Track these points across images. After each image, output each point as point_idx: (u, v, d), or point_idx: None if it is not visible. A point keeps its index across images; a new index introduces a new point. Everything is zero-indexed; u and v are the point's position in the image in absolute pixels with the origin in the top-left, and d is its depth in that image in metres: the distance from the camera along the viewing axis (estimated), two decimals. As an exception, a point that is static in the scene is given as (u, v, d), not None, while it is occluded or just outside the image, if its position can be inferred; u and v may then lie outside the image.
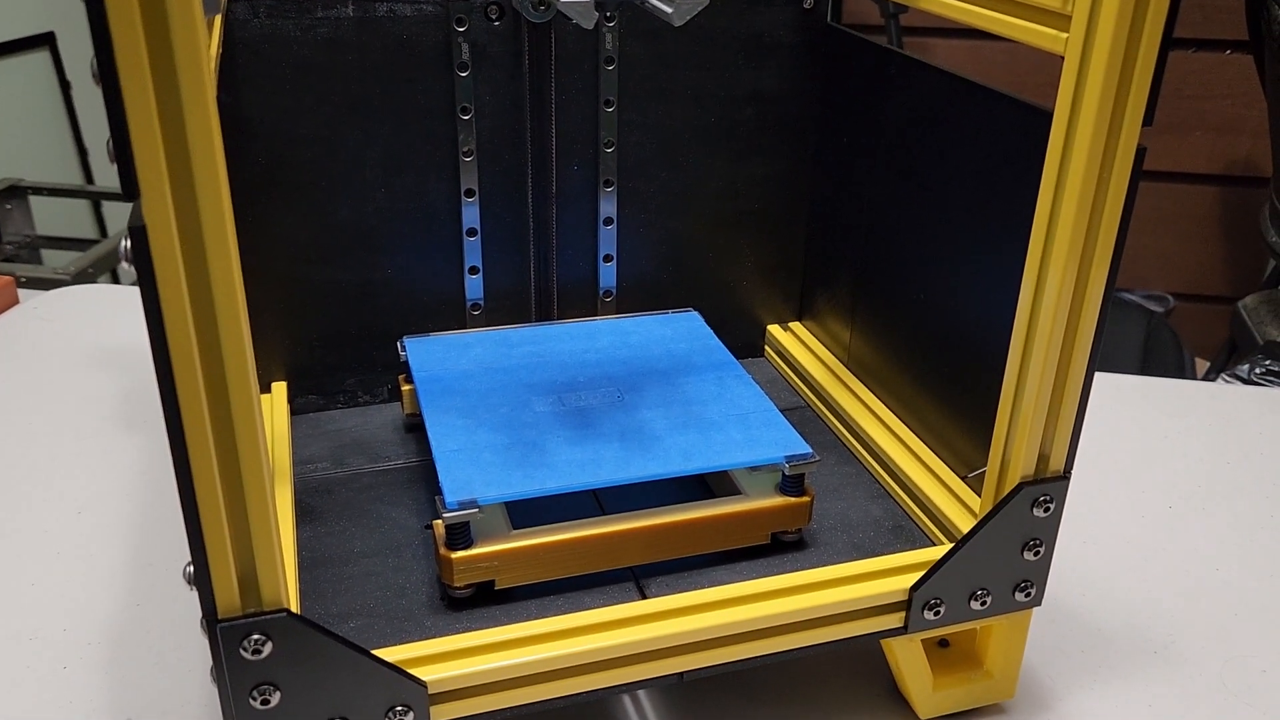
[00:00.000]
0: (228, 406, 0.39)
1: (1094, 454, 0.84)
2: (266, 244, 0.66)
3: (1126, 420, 0.90)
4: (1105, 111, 0.45)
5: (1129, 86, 0.45)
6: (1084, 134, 0.45)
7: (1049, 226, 0.48)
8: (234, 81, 0.62)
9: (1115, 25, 0.43)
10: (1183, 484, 0.81)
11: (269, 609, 0.43)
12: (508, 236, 0.70)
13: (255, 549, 0.42)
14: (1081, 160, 0.46)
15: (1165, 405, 0.93)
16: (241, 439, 0.40)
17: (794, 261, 0.78)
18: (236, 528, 0.41)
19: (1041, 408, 0.51)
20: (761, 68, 0.71)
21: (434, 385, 0.63)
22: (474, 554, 0.54)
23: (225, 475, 0.40)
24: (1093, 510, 0.78)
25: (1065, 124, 0.46)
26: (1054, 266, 0.48)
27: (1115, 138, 0.46)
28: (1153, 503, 0.79)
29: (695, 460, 0.57)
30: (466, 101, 0.66)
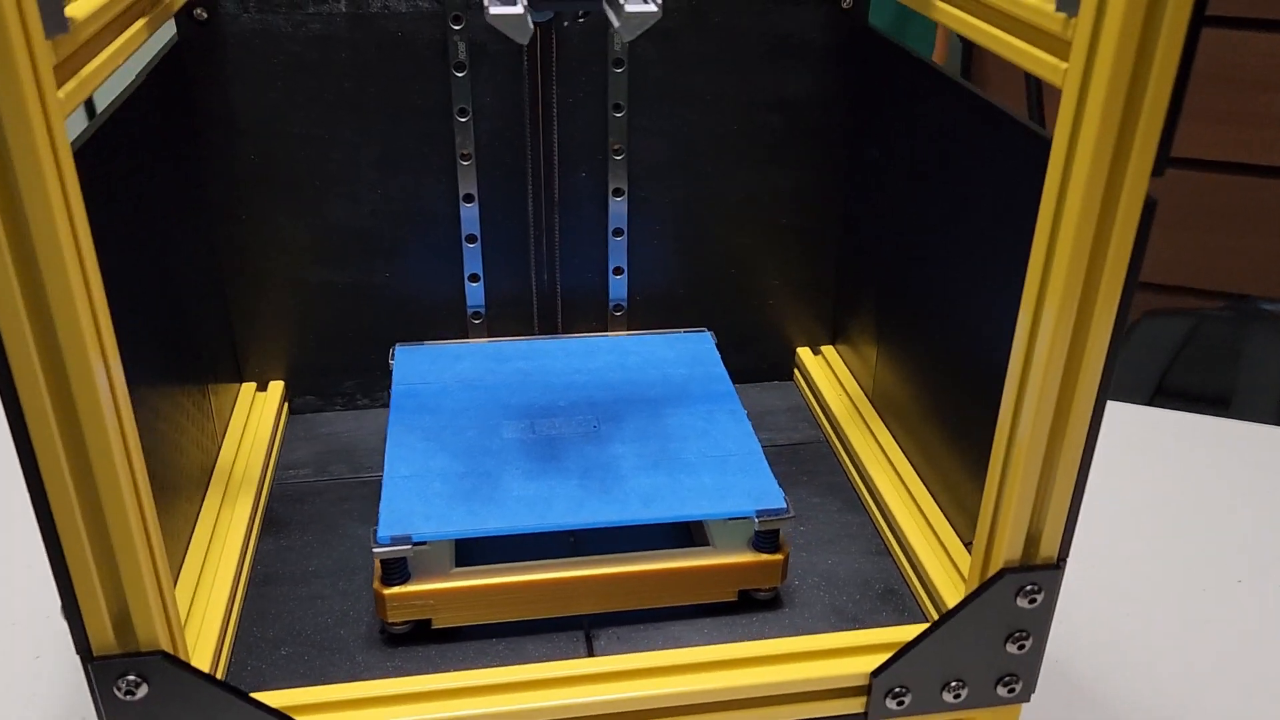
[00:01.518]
0: (83, 443, 0.37)
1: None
2: (259, 243, 0.65)
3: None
4: (1103, 159, 0.38)
5: (1133, 130, 0.38)
6: (1078, 183, 0.39)
7: (1042, 282, 0.42)
8: (223, 77, 0.60)
9: (1116, 56, 0.36)
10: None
11: (144, 649, 0.41)
12: (509, 244, 0.67)
13: (126, 588, 0.40)
14: (1074, 215, 0.39)
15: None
16: (102, 480, 0.38)
17: (825, 280, 0.72)
18: (104, 566, 0.39)
19: (1030, 484, 0.45)
20: (789, 71, 0.65)
21: (408, 401, 0.60)
22: (409, 591, 0.51)
23: (87, 515, 0.38)
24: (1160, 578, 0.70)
25: (1060, 172, 0.40)
26: (1044, 332, 0.42)
27: (1116, 190, 0.39)
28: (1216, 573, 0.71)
29: (654, 508, 0.52)
30: (464, 103, 0.62)
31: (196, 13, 0.58)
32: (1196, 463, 0.81)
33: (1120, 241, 0.40)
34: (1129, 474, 0.77)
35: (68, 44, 0.35)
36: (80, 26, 0.36)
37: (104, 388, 0.36)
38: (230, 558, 0.55)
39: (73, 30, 0.36)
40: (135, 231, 0.51)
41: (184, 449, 0.56)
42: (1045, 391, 0.43)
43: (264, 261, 0.65)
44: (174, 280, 0.57)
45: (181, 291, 0.58)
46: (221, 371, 0.65)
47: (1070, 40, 0.38)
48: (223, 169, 0.62)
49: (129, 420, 0.39)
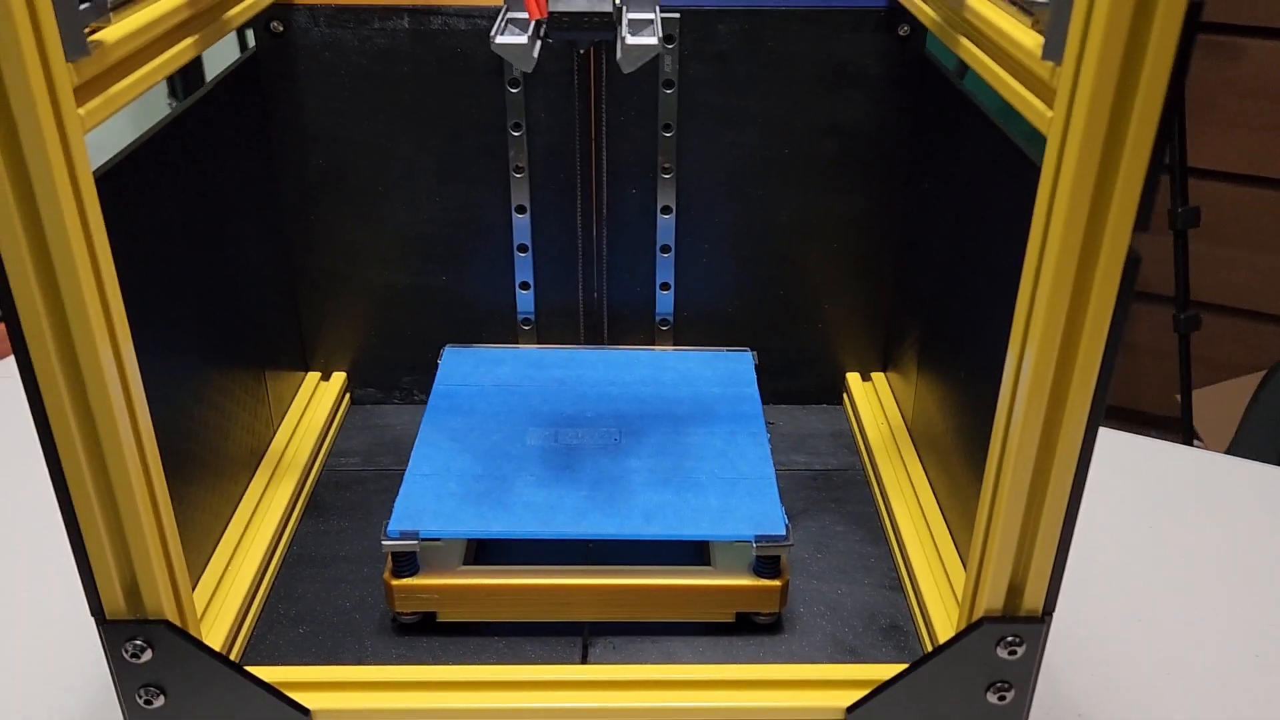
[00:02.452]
0: (95, 432, 0.41)
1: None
2: (326, 243, 0.68)
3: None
4: (1080, 211, 0.37)
5: (1112, 184, 0.37)
6: (1055, 234, 0.38)
7: (1025, 332, 0.41)
8: (295, 86, 0.64)
9: (1091, 104, 0.35)
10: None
11: (151, 617, 0.45)
12: (559, 254, 0.69)
13: (134, 560, 0.44)
14: (1052, 266, 0.38)
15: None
16: (111, 458, 0.41)
17: (878, 307, 0.71)
18: (115, 539, 0.43)
19: (1011, 533, 0.44)
20: (844, 98, 0.65)
21: (445, 401, 0.63)
22: (416, 583, 0.54)
23: (99, 489, 0.42)
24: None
25: (1043, 222, 0.39)
26: (1025, 381, 0.41)
27: (1096, 243, 0.38)
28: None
29: (654, 525, 0.54)
30: (518, 118, 0.65)
31: (273, 25, 0.62)
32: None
33: (1101, 296, 0.39)
34: (1262, 537, 0.73)
35: (92, 65, 0.39)
36: (109, 49, 0.40)
37: (112, 371, 0.40)
38: (264, 537, 0.58)
39: (100, 52, 0.39)
40: (198, 221, 0.55)
41: (231, 432, 0.60)
42: (1025, 440, 0.42)
43: (330, 260, 0.69)
44: (236, 272, 0.61)
45: (243, 283, 0.62)
46: (284, 360, 0.69)
47: (1055, 88, 0.38)
48: (294, 172, 0.66)
49: (140, 402, 0.42)
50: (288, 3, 0.62)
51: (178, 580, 0.46)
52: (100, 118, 0.39)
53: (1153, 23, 0.34)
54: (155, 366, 0.49)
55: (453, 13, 0.62)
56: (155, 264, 0.51)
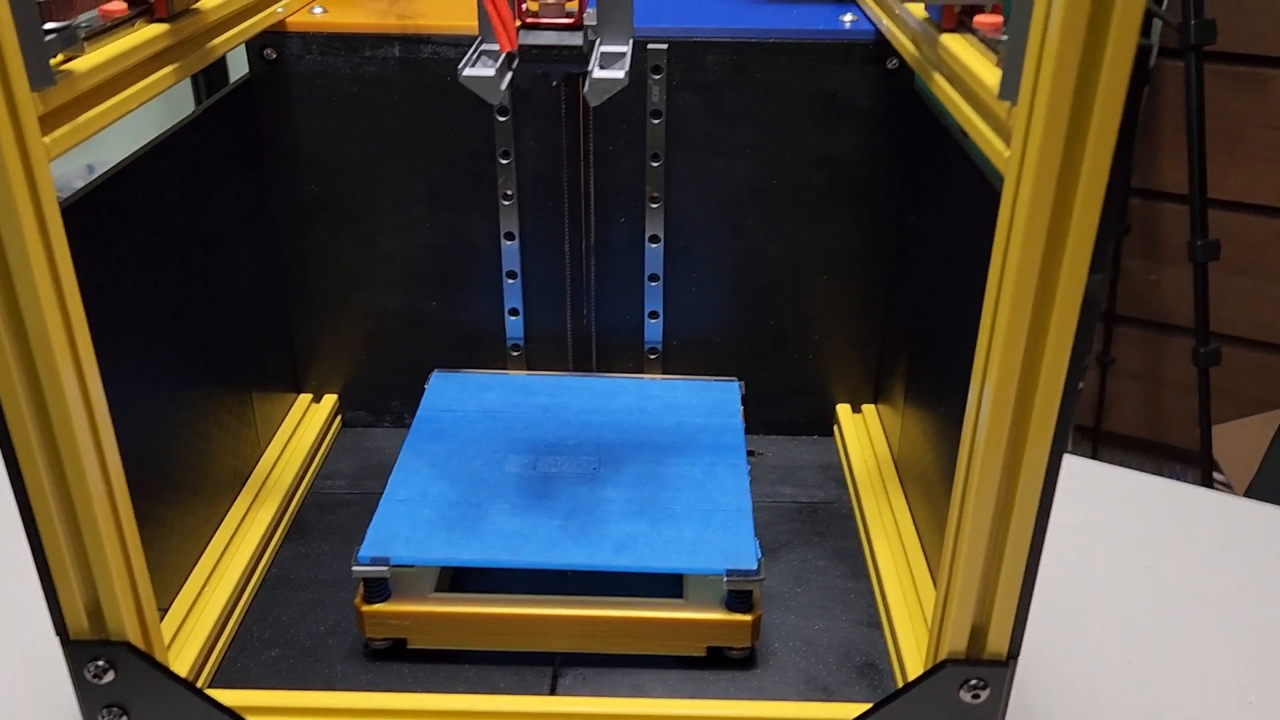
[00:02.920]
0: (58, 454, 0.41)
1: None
2: (319, 266, 0.69)
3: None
4: (1034, 251, 0.37)
5: (1066, 226, 0.36)
6: (1010, 274, 0.38)
7: (985, 369, 0.41)
8: (288, 113, 0.65)
9: (1044, 144, 0.35)
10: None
11: (114, 639, 0.45)
12: (548, 281, 0.69)
13: (97, 582, 0.44)
14: (1008, 303, 0.38)
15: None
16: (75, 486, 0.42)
17: (870, 338, 0.71)
18: (78, 561, 0.44)
19: (974, 571, 0.43)
20: (833, 130, 0.65)
21: (427, 426, 0.63)
22: (387, 610, 0.54)
23: (62, 512, 0.42)
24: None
25: (1000, 260, 0.39)
26: (987, 418, 0.41)
27: (1051, 282, 0.37)
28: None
29: (625, 556, 0.53)
30: (507, 146, 0.65)
31: (266, 53, 0.63)
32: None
33: (1058, 334, 0.38)
34: (1267, 582, 0.71)
35: (61, 94, 0.39)
36: (80, 78, 0.40)
37: (75, 395, 0.40)
38: (243, 558, 0.59)
39: (69, 81, 0.40)
40: (185, 244, 0.56)
41: (214, 454, 0.60)
42: (986, 477, 0.41)
43: (322, 283, 0.70)
44: (226, 294, 0.61)
45: (233, 305, 0.62)
46: (274, 382, 0.70)
47: (1011, 129, 0.37)
48: (287, 196, 0.67)
49: (105, 424, 0.42)
50: (281, 31, 0.63)
51: (142, 602, 0.46)
52: (68, 145, 0.40)
53: (1103, 63, 0.34)
54: (131, 389, 0.50)
55: (442, 41, 0.63)
56: (135, 287, 0.51)
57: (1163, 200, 1.56)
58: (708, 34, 0.63)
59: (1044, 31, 0.34)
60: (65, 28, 0.39)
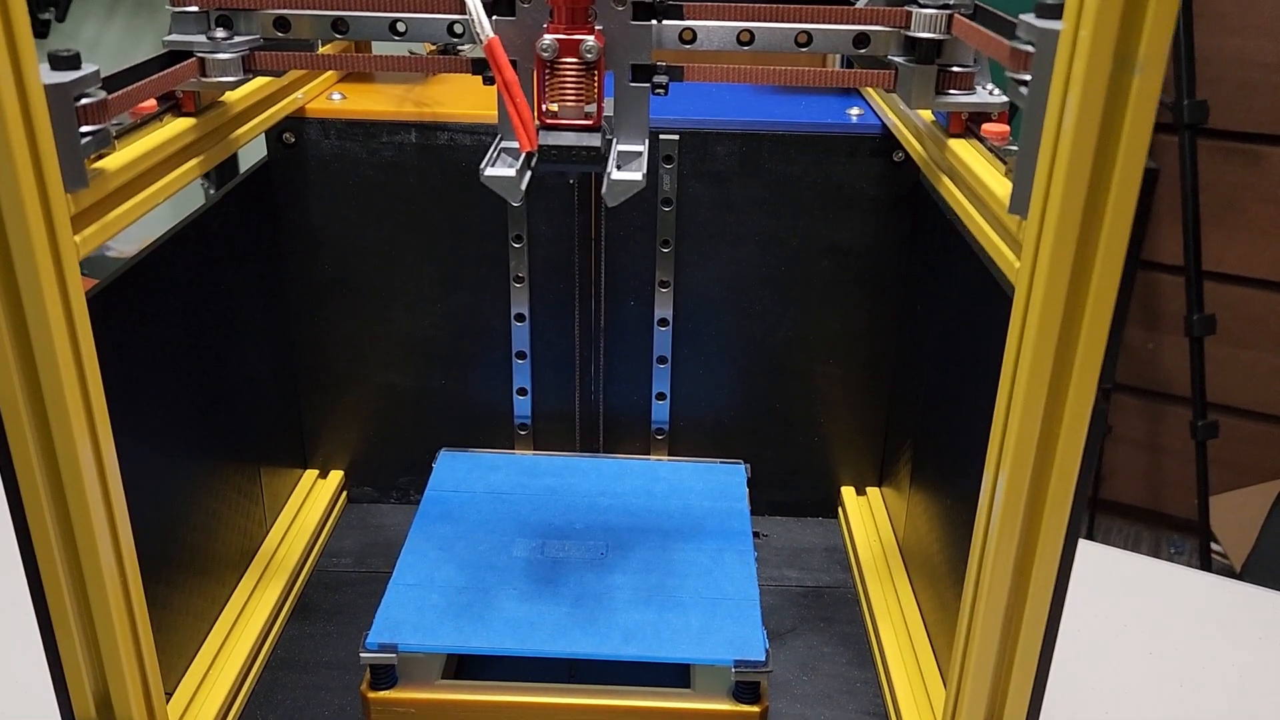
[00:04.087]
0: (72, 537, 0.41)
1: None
2: (332, 344, 0.70)
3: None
4: (1044, 360, 0.38)
5: (1074, 345, 0.37)
6: (1022, 382, 0.38)
7: (998, 464, 0.41)
8: (305, 196, 0.66)
9: (1052, 263, 0.36)
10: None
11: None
12: (557, 362, 0.70)
13: (107, 671, 0.44)
14: (1016, 422, 0.39)
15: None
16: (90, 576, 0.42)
17: (875, 422, 0.72)
18: (89, 647, 0.44)
19: (987, 658, 0.44)
20: (841, 219, 0.66)
21: (435, 508, 0.64)
22: (393, 697, 0.53)
23: (77, 603, 0.43)
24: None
25: (1012, 366, 0.39)
26: (1000, 523, 0.41)
27: (1061, 393, 0.38)
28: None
29: (633, 645, 0.53)
30: (519, 230, 0.66)
31: (285, 137, 0.64)
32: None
33: (1066, 455, 0.39)
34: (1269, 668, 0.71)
35: (92, 194, 0.40)
36: (109, 177, 0.41)
37: (95, 487, 0.41)
38: (249, 640, 0.59)
39: (100, 180, 0.41)
40: (200, 327, 0.57)
41: (220, 534, 0.60)
42: (999, 572, 0.42)
43: (333, 361, 0.70)
44: (237, 373, 0.62)
45: (243, 383, 0.63)
46: (282, 457, 0.70)
47: (1021, 242, 0.38)
48: (301, 276, 0.68)
49: (122, 514, 0.43)
50: (300, 116, 0.64)
51: (150, 688, 0.46)
52: (96, 243, 0.41)
53: (1112, 184, 0.35)
54: (143, 471, 0.50)
55: (458, 129, 0.64)
56: (152, 372, 0.52)
57: (1160, 271, 1.58)
58: (718, 125, 0.64)
59: (1054, 150, 0.35)
60: (100, 130, 0.40)
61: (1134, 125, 0.34)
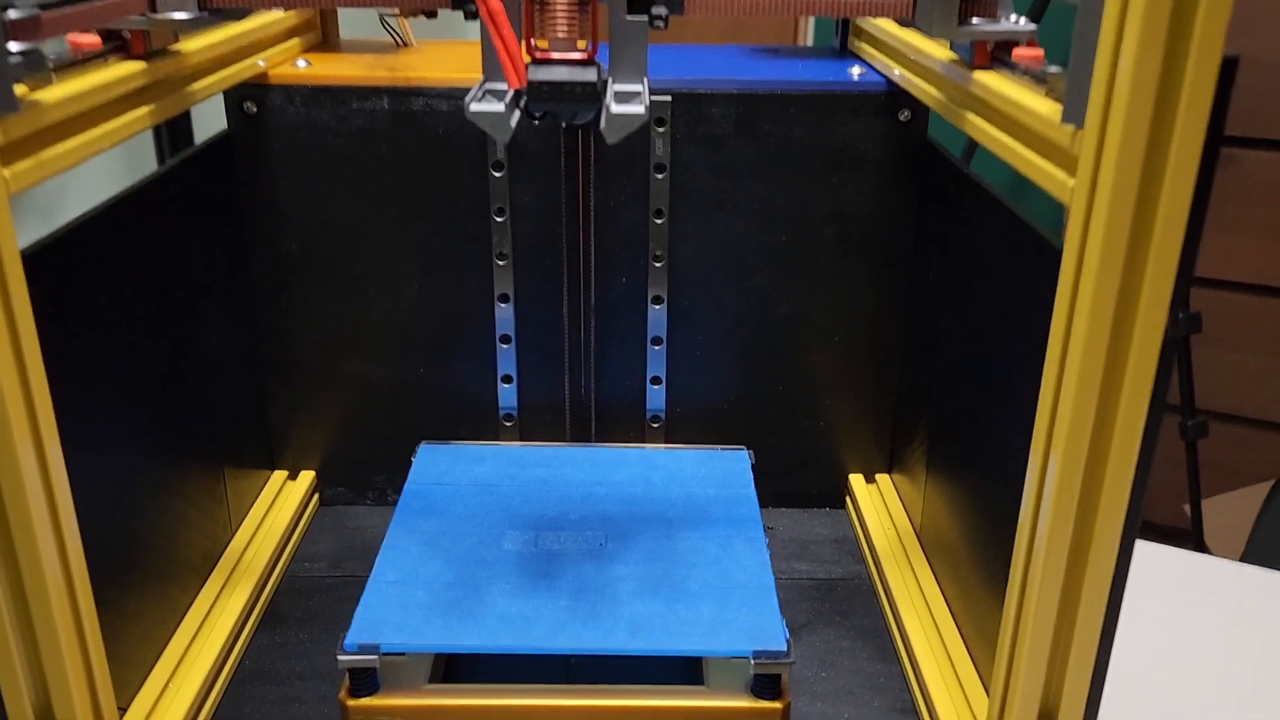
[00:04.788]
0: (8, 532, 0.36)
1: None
2: (299, 331, 0.65)
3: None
4: (1109, 288, 0.34)
5: (1144, 257, 0.33)
6: (1082, 313, 0.34)
7: (1052, 418, 0.37)
8: (268, 169, 0.61)
9: (1117, 174, 0.32)
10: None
11: (64, 740, 0.40)
12: (544, 346, 0.65)
13: (49, 679, 0.39)
14: (1079, 350, 0.34)
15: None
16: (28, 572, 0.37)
17: (884, 405, 0.67)
18: (29, 655, 0.38)
19: (1040, 651, 0.39)
20: (844, 184, 0.62)
21: (416, 501, 0.59)
22: (375, 704, 0.48)
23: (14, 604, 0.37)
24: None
25: (1069, 299, 0.35)
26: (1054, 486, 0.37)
27: (1129, 322, 0.34)
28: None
29: (641, 639, 0.48)
30: (502, 203, 0.62)
31: (246, 105, 0.60)
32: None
33: (1137, 380, 0.35)
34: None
35: (24, 124, 0.35)
36: (46, 109, 0.37)
37: (31, 466, 0.36)
38: (212, 650, 0.53)
39: (35, 111, 0.36)
40: (154, 306, 0.52)
41: (182, 535, 0.55)
42: (1055, 541, 0.37)
43: (302, 350, 0.65)
44: (198, 361, 0.57)
45: (205, 373, 0.58)
46: (247, 457, 0.65)
47: (1077, 155, 0.34)
48: (265, 256, 0.63)
49: (64, 499, 0.38)
50: (262, 84, 0.59)
51: (101, 703, 0.41)
52: (31, 181, 0.36)
53: (1185, 69, 0.31)
54: (90, 461, 0.45)
55: (434, 94, 0.60)
56: (99, 348, 0.47)
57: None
58: (713, 85, 0.60)
59: (1118, 38, 0.31)
60: (32, 51, 0.35)
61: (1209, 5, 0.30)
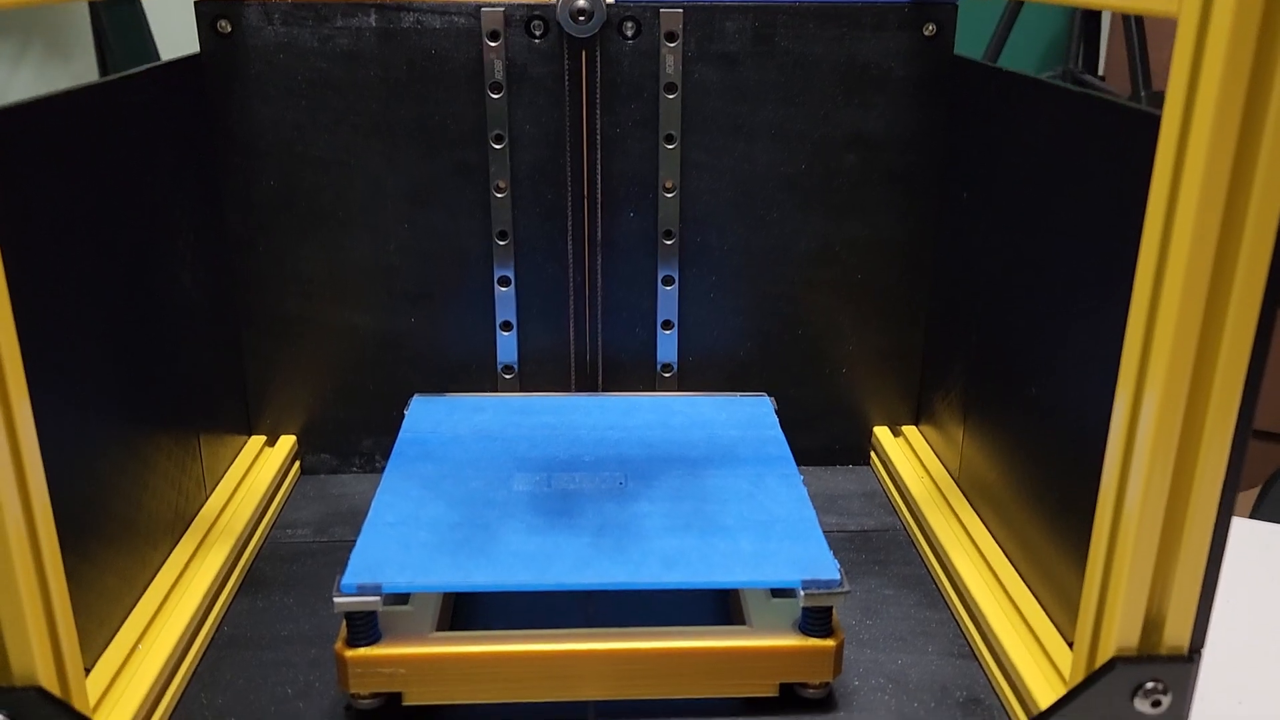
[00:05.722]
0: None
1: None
2: (277, 277, 0.59)
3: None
4: (1233, 104, 0.29)
5: (1273, 70, 0.29)
6: (1197, 153, 0.30)
7: (1155, 286, 0.33)
8: (244, 95, 0.56)
9: (1247, -41, 0.28)
10: None
11: (19, 684, 0.34)
12: (547, 289, 0.60)
13: (9, 638, 0.33)
14: (1193, 198, 0.30)
15: None
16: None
17: (911, 349, 0.63)
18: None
19: (1147, 548, 0.34)
20: (867, 105, 0.58)
21: (412, 448, 0.53)
22: (376, 654, 0.42)
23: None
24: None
25: (1177, 130, 0.31)
26: (1161, 346, 0.32)
27: (1253, 148, 0.30)
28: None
29: (676, 572, 0.43)
30: (500, 129, 0.57)
31: (220, 25, 0.55)
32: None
33: (1258, 231, 0.30)
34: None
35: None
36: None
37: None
38: (186, 613, 0.47)
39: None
40: (115, 240, 0.46)
41: (153, 488, 0.49)
42: (1164, 425, 0.33)
43: (280, 299, 0.60)
44: (162, 308, 0.51)
45: (171, 325, 0.52)
46: (221, 418, 0.59)
47: (1187, -46, 0.30)
48: (241, 194, 0.58)
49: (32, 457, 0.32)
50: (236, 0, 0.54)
51: (62, 643, 0.35)
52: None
53: None
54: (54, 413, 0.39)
55: (425, 9, 0.55)
56: (52, 279, 0.41)
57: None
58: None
59: None
60: None
61: None
